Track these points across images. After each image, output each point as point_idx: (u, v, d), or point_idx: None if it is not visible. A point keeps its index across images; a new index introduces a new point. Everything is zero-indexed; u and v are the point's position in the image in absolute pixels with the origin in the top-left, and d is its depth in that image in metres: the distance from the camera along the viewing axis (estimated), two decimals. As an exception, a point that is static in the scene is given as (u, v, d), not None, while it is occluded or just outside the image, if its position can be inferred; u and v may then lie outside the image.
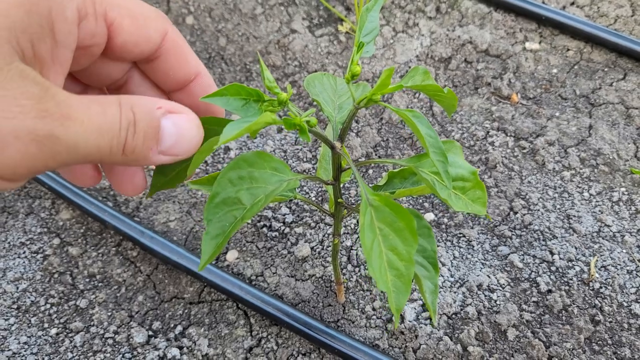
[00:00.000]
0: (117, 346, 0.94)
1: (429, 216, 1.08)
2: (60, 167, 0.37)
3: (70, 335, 0.96)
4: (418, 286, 0.61)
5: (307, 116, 0.50)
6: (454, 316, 0.95)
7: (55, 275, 1.03)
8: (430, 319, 0.94)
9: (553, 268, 1.00)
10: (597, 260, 1.01)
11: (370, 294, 0.97)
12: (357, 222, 1.07)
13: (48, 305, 0.99)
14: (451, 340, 0.92)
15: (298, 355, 0.92)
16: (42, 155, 0.35)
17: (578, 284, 0.98)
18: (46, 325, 0.97)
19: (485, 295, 0.97)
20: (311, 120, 0.50)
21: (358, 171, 0.53)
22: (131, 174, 0.49)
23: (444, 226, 1.07)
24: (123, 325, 0.96)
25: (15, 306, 0.99)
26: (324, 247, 1.04)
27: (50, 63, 0.38)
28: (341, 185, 1.13)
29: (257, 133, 0.49)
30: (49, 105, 0.35)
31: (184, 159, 0.45)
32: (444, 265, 1.01)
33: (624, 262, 1.01)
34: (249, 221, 1.08)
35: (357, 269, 1.01)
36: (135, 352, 0.93)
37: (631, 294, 0.97)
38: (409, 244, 0.49)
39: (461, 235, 1.06)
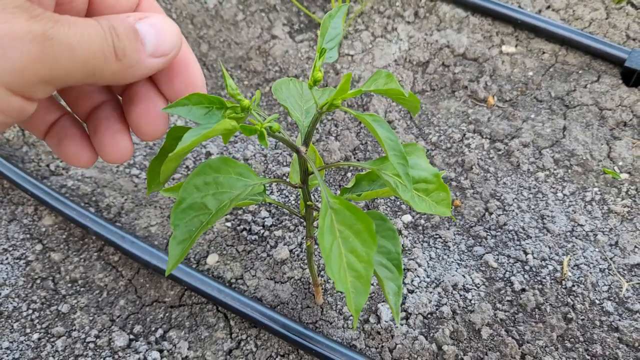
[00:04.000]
0: (98, 350, 0.95)
1: (406, 218, 1.10)
2: (66, 77, 0.38)
3: (52, 340, 0.97)
4: (381, 288, 0.63)
5: (270, 121, 0.51)
6: (429, 316, 0.96)
7: (38, 281, 1.04)
8: (406, 319, 0.95)
9: (527, 267, 1.02)
10: (570, 259, 1.03)
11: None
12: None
13: (30, 311, 1.00)
14: (426, 339, 0.93)
15: (277, 357, 0.93)
16: (44, 58, 0.36)
17: (551, 283, 1.00)
18: (28, 330, 0.98)
19: (461, 295, 0.99)
20: (273, 126, 0.52)
21: (321, 175, 0.55)
22: (114, 135, 0.49)
23: (420, 227, 1.09)
24: (104, 330, 0.98)
25: (-3, 312, 1.00)
26: (303, 250, 1.05)
27: (36, 2, 0.39)
28: (317, 188, 1.15)
29: (228, 138, 0.50)
30: (38, 12, 0.36)
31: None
32: (420, 265, 1.02)
33: (596, 260, 1.03)
34: (229, 225, 1.09)
35: (335, 271, 1.02)
36: (116, 356, 0.94)
37: (603, 292, 0.99)
38: (368, 246, 0.50)
39: (438, 236, 1.07)
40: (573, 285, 0.99)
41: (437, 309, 0.97)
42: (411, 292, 0.99)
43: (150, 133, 0.49)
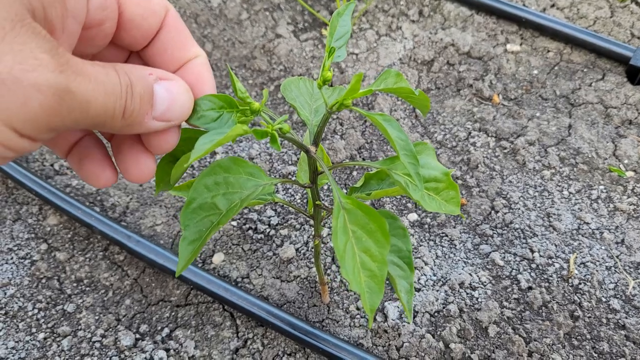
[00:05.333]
0: (104, 350, 0.95)
1: (412, 216, 1.10)
2: (73, 126, 0.38)
3: (57, 339, 0.97)
4: (393, 286, 0.63)
5: (280, 123, 0.51)
6: (436, 314, 0.96)
7: (43, 281, 1.04)
8: (413, 317, 0.95)
9: (533, 265, 1.02)
10: (576, 257, 1.03)
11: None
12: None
13: (36, 310, 1.00)
14: (433, 337, 0.93)
15: (283, 356, 0.93)
16: (60, 110, 0.36)
17: (558, 281, 0.99)
18: (34, 330, 0.98)
19: (467, 293, 0.99)
20: (284, 127, 0.52)
21: (331, 175, 0.55)
22: (138, 155, 0.49)
23: (427, 226, 1.09)
24: (110, 329, 0.98)
25: (3, 312, 1.00)
26: (309, 249, 1.05)
27: (60, 32, 0.39)
28: (324, 187, 1.15)
29: (236, 138, 0.50)
30: (63, 61, 0.35)
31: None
32: (426, 264, 1.02)
33: (602, 258, 1.03)
34: (235, 224, 1.09)
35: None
36: (122, 355, 0.94)
37: (609, 289, 0.99)
38: (382, 246, 0.50)
39: (444, 234, 1.07)
40: (580, 283, 0.99)
41: (444, 307, 0.97)
42: (418, 290, 0.99)
43: (162, 148, 0.49)
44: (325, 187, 1.16)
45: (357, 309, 0.97)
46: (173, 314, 0.99)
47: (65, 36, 0.40)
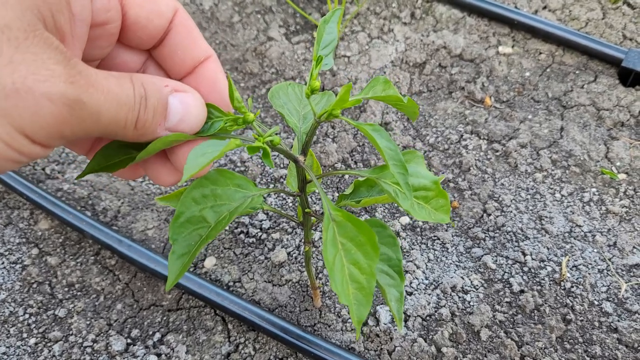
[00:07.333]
0: (95, 355, 0.95)
1: (404, 219, 1.10)
2: (83, 135, 0.39)
3: (49, 344, 0.96)
4: (382, 295, 0.63)
5: (271, 135, 0.51)
6: (428, 318, 0.96)
7: (34, 285, 1.04)
8: (405, 321, 0.95)
9: (525, 269, 1.02)
10: (568, 260, 1.03)
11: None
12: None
13: (27, 315, 1.00)
14: (425, 341, 0.93)
15: (276, 360, 0.93)
16: (71, 120, 0.37)
17: (550, 284, 1.00)
18: (25, 335, 0.97)
19: (459, 297, 0.99)
20: (274, 140, 0.51)
21: (321, 185, 0.55)
22: (165, 165, 0.51)
23: (419, 229, 1.09)
24: (102, 334, 0.97)
25: (-7, 317, 1.00)
26: (301, 253, 1.05)
27: (70, 37, 0.40)
28: (315, 191, 1.15)
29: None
30: (74, 72, 0.36)
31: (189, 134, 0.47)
32: (418, 268, 1.02)
33: (594, 261, 1.03)
34: (227, 228, 1.09)
35: (333, 274, 1.02)
36: (114, 361, 0.94)
37: (602, 292, 0.99)
38: (371, 258, 0.50)
39: (436, 238, 1.07)
40: (572, 286, 0.99)
41: (435, 311, 0.97)
42: (410, 294, 0.99)
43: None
44: (316, 191, 1.15)
45: (349, 313, 0.97)
46: (165, 318, 0.99)
47: (75, 40, 0.41)
